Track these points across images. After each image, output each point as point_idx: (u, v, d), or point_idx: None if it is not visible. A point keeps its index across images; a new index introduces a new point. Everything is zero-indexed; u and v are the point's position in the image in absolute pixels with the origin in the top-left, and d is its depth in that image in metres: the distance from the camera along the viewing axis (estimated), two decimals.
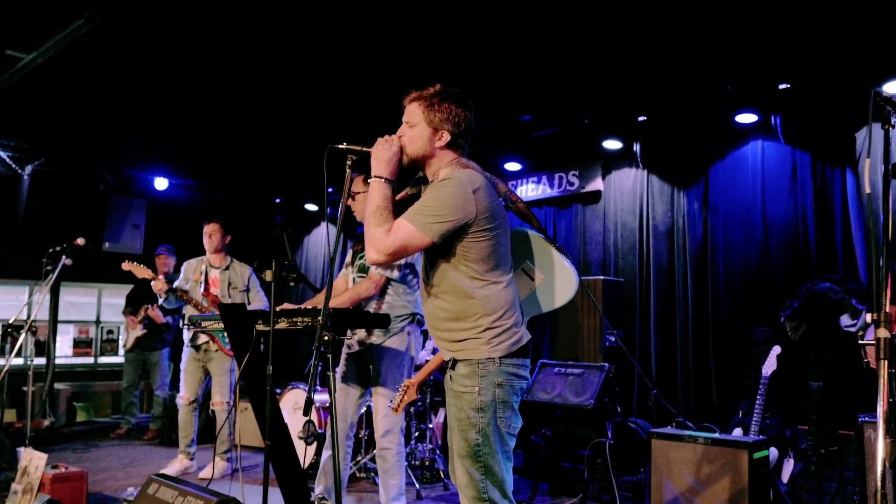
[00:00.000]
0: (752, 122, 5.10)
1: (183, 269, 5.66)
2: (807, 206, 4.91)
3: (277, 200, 8.96)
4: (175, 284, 5.55)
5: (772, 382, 4.27)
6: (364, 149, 2.45)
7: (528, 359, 2.41)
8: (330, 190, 8.05)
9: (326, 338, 2.58)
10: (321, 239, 8.76)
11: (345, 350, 4.01)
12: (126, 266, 5.35)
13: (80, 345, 9.55)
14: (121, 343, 8.49)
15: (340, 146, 2.47)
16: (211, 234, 5.49)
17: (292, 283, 3.60)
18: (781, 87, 4.74)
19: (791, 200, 5.01)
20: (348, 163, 2.49)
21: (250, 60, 4.86)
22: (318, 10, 4.12)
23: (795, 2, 3.82)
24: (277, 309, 3.64)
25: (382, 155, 2.36)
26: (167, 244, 7.12)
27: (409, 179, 2.60)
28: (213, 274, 5.52)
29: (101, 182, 7.73)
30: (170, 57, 4.83)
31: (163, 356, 7.30)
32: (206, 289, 5.43)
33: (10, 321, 5.47)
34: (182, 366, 5.50)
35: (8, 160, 7.27)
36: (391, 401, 3.67)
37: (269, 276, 3.45)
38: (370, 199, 2.32)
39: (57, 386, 8.22)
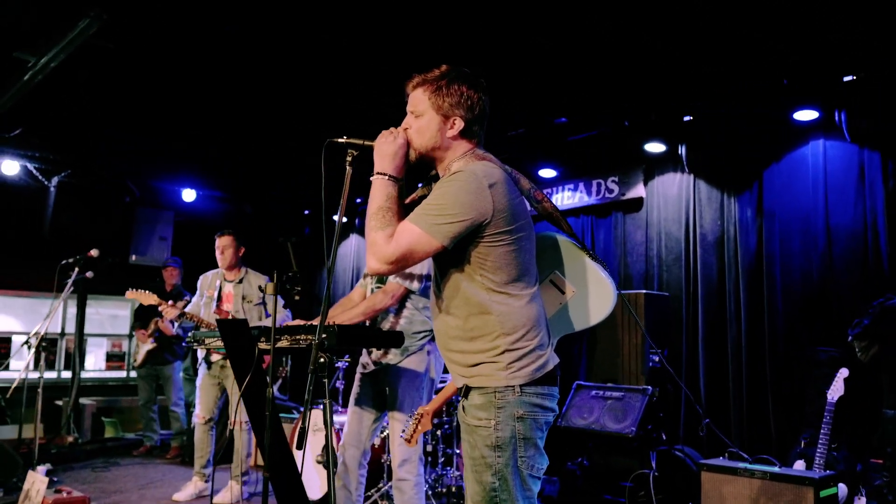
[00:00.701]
0: (813, 119, 4.66)
1: (199, 282, 5.46)
2: (877, 212, 4.45)
3: (306, 212, 8.76)
4: (189, 305, 5.37)
5: (839, 409, 3.88)
6: (366, 142, 2.16)
7: (556, 387, 2.06)
8: (358, 200, 7.83)
9: (322, 360, 2.23)
10: (350, 251, 8.51)
11: (359, 370, 3.71)
12: (130, 294, 5.17)
13: (113, 358, 9.60)
14: (132, 359, 8.35)
15: (339, 140, 2.19)
16: (223, 249, 5.25)
17: (297, 298, 3.31)
18: (846, 79, 4.33)
19: (858, 206, 4.56)
20: (348, 159, 2.20)
21: (280, 71, 4.73)
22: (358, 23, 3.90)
23: None
24: (282, 325, 3.36)
25: (386, 149, 2.07)
26: (175, 257, 7.05)
27: (416, 183, 2.28)
28: (227, 288, 5.29)
29: (127, 194, 7.64)
30: (194, 65, 4.71)
31: (175, 370, 7.11)
32: (219, 305, 5.20)
33: (30, 334, 5.35)
34: (198, 383, 5.29)
35: (35, 171, 7.23)
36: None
37: (270, 289, 3.16)
38: (371, 200, 2.03)
39: (83, 401, 8.11)
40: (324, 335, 2.94)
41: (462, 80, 2.08)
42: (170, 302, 5.42)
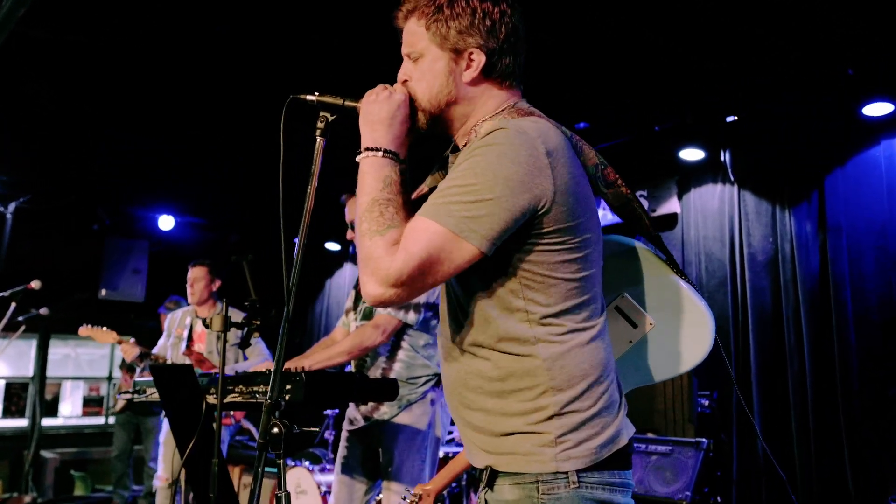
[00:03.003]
0: (887, 114, 4.02)
1: (167, 321, 4.78)
2: None
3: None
4: (156, 346, 4.65)
5: None
6: (347, 102, 1.49)
7: (629, 470, 1.39)
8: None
9: (276, 430, 1.44)
10: (345, 281, 7.76)
11: (346, 426, 3.02)
12: (84, 331, 4.50)
13: (90, 403, 9.04)
14: (111, 402, 7.65)
15: (309, 97, 1.50)
16: (193, 282, 4.65)
17: (257, 334, 2.53)
18: None
19: None
20: (320, 125, 1.50)
21: (271, 82, 4.33)
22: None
23: None
24: (241, 371, 2.62)
25: (377, 111, 1.42)
26: (176, 295, 6.24)
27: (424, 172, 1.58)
28: (199, 327, 4.64)
29: (97, 221, 6.98)
30: (172, 75, 4.34)
31: (160, 422, 6.30)
32: (189, 346, 4.46)
33: None
34: (160, 438, 4.59)
35: None
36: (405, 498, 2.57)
37: (216, 324, 2.40)
38: (361, 191, 1.38)
39: (45, 454, 7.32)
40: (285, 389, 2.19)
41: None
42: (131, 340, 4.71)
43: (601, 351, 1.33)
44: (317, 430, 1.67)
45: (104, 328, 4.51)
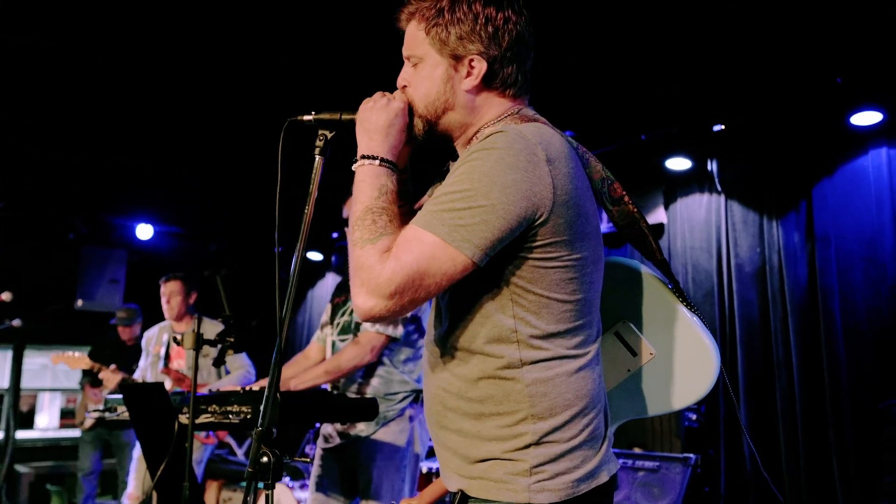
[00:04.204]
0: (875, 123, 3.96)
1: (143, 342, 4.63)
2: None
3: (279, 249, 7.92)
4: (137, 370, 4.55)
5: None
6: (344, 116, 1.43)
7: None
8: (335, 235, 7.03)
9: (265, 459, 1.33)
10: (326, 293, 7.63)
11: (320, 444, 2.91)
12: (56, 359, 4.36)
13: (68, 415, 8.87)
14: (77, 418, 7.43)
15: (306, 117, 1.45)
16: (169, 297, 4.49)
17: (231, 352, 2.43)
18: None
19: None
20: (318, 144, 1.44)
21: (254, 84, 4.27)
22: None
23: None
24: (215, 389, 2.52)
25: (375, 119, 1.36)
26: (131, 303, 6.10)
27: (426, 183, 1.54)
28: (180, 335, 4.44)
29: (72, 230, 6.81)
30: (150, 78, 4.23)
31: (132, 435, 6.10)
32: (167, 364, 4.31)
33: None
34: (135, 454, 4.44)
35: None
36: None
37: (188, 341, 2.29)
38: (356, 199, 1.32)
39: (19, 468, 7.10)
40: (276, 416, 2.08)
41: None
42: (112, 366, 4.54)
43: (589, 381, 1.25)
44: (308, 460, 1.58)
45: (76, 354, 4.37)
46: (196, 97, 4.50)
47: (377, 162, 1.31)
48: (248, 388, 2.34)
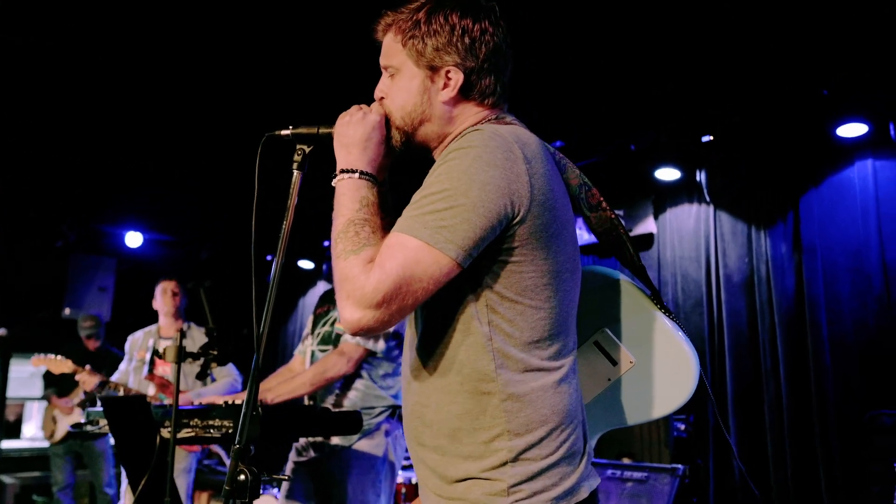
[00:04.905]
0: (860, 135, 3.97)
1: (127, 344, 4.55)
2: None
3: (269, 258, 7.90)
4: (116, 373, 4.44)
5: None
6: (321, 130, 1.42)
7: None
8: (326, 243, 7.00)
9: (242, 477, 1.31)
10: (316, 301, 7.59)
11: (292, 456, 2.85)
12: (37, 362, 4.25)
13: None
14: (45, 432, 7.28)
15: (283, 132, 1.44)
16: (163, 292, 4.37)
17: (215, 365, 2.41)
18: None
19: None
20: (296, 158, 1.43)
21: (225, 98, 4.29)
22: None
23: None
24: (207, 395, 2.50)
25: (352, 133, 1.35)
26: (95, 311, 6.04)
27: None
28: (162, 348, 4.35)
29: (60, 237, 6.73)
30: (139, 82, 4.19)
31: (106, 443, 5.99)
32: (151, 370, 4.25)
33: None
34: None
35: None
36: None
37: (170, 354, 2.27)
38: (337, 213, 1.30)
39: (4, 479, 7.01)
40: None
41: (452, 5, 1.32)
42: (87, 367, 4.47)
43: (566, 396, 1.24)
44: (287, 477, 1.54)
45: (58, 357, 4.26)
46: (187, 104, 4.48)
47: (356, 175, 1.30)
48: (231, 401, 2.32)
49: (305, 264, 7.58)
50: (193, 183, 6.02)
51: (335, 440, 2.68)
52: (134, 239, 7.20)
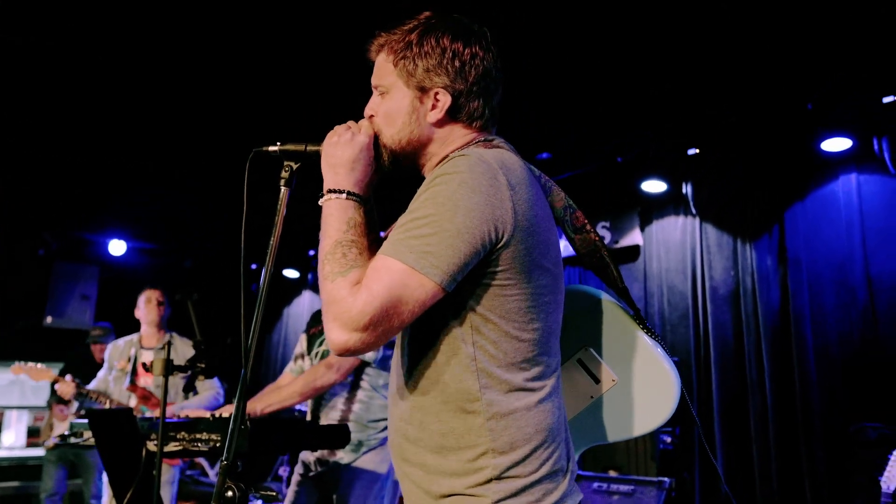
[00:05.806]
0: (845, 149, 4.01)
1: (107, 353, 4.48)
2: None
3: (253, 266, 7.86)
4: (94, 381, 4.36)
5: None
6: (309, 147, 1.42)
7: None
8: (311, 252, 6.98)
9: (230, 494, 1.28)
10: (303, 311, 7.56)
11: (298, 470, 2.86)
12: (17, 370, 4.19)
13: (35, 433, 8.60)
14: (41, 437, 7.24)
15: (271, 148, 1.43)
16: (147, 301, 4.31)
17: (202, 378, 2.38)
18: (886, 100, 3.64)
19: None
20: (284, 175, 1.43)
21: (211, 107, 4.28)
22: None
23: None
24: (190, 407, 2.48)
25: (340, 153, 1.36)
26: (104, 322, 5.95)
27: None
28: (145, 358, 4.31)
29: (42, 245, 6.66)
30: (123, 89, 4.17)
31: (98, 455, 5.93)
32: (133, 380, 4.19)
33: None
34: (106, 477, 4.22)
35: None
36: None
37: (157, 367, 2.24)
38: (324, 234, 1.31)
39: None
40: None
41: (444, 29, 1.34)
42: (67, 377, 4.41)
43: (549, 415, 1.25)
44: (275, 494, 1.52)
45: (38, 365, 4.21)
46: (174, 113, 4.46)
47: (343, 195, 1.31)
48: (218, 414, 2.30)
49: (291, 273, 7.57)
50: (177, 191, 6.00)
51: (340, 455, 2.68)
52: (117, 247, 7.18)
